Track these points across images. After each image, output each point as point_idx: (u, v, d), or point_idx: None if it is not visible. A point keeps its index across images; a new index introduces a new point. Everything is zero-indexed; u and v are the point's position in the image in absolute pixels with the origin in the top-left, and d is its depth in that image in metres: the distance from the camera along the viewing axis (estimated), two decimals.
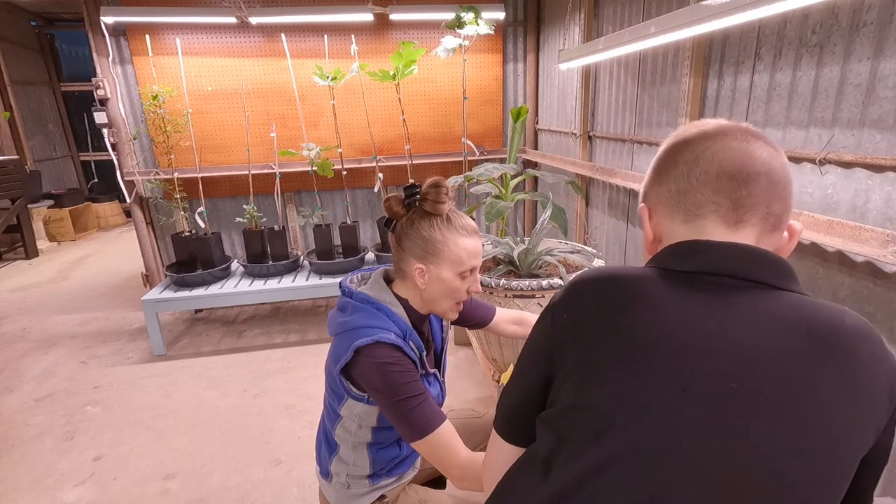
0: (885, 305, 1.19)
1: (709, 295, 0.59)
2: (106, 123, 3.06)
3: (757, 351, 0.54)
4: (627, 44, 1.78)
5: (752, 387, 0.53)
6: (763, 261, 0.61)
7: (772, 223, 0.63)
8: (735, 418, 0.52)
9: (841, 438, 0.53)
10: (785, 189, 0.63)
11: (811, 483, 0.52)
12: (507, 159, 2.80)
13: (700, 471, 0.52)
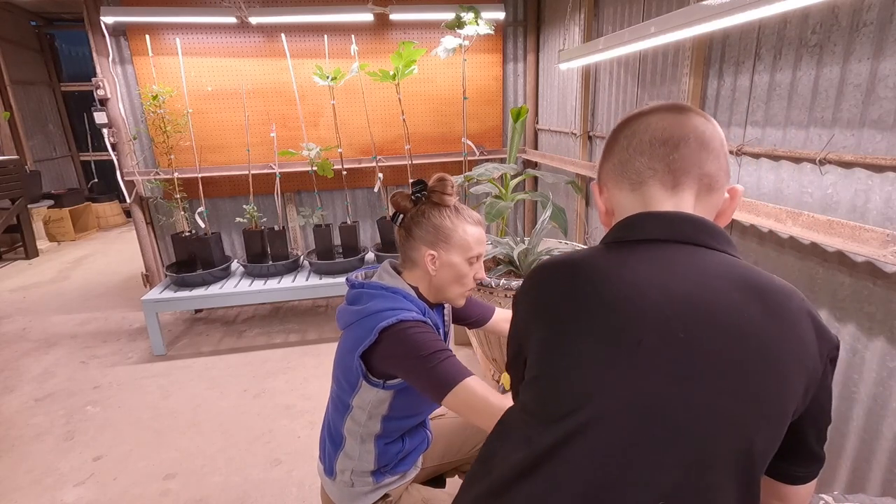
0: (885, 305, 1.19)
1: (654, 257, 0.64)
2: (106, 123, 3.05)
3: (701, 301, 0.58)
4: (627, 44, 1.78)
5: (699, 334, 0.57)
6: (701, 226, 0.66)
7: (707, 184, 0.68)
8: (688, 365, 0.56)
9: (781, 379, 0.56)
10: (716, 151, 0.68)
11: (759, 420, 0.56)
12: (507, 159, 2.80)
13: (664, 416, 0.55)
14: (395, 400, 1.09)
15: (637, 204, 0.69)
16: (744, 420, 0.55)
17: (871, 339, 1.24)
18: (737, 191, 0.70)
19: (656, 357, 0.57)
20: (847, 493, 0.92)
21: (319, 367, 2.80)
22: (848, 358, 1.31)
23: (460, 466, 1.42)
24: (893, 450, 1.22)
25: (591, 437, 0.56)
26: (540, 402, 0.63)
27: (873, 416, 1.26)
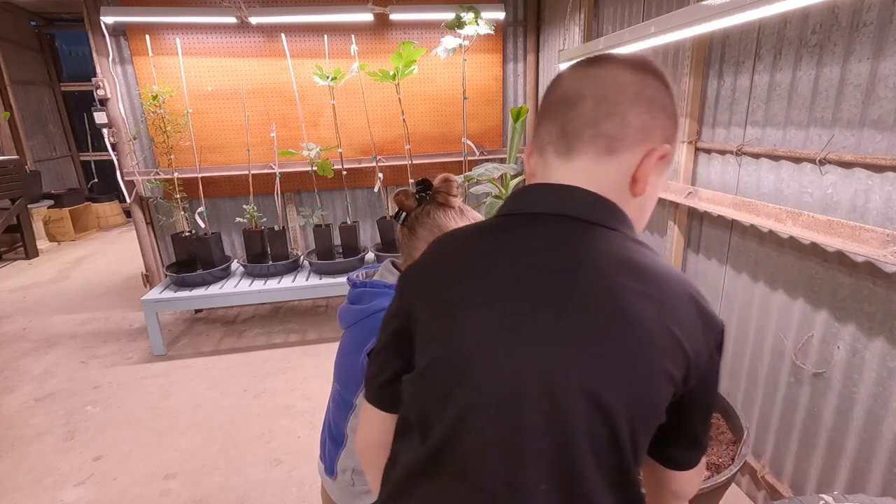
0: (885, 305, 1.19)
1: (534, 233, 0.60)
2: (106, 123, 3.05)
3: (573, 279, 0.56)
4: (627, 44, 1.78)
5: (571, 314, 0.55)
6: (585, 200, 0.61)
7: (604, 146, 0.60)
8: (555, 346, 0.55)
9: (653, 362, 0.54)
10: (622, 106, 0.59)
11: (625, 400, 0.54)
12: (507, 159, 2.80)
13: (529, 396, 0.54)
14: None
15: (542, 171, 0.65)
16: (609, 400, 0.53)
17: (871, 339, 1.24)
18: (654, 151, 0.60)
19: (522, 338, 0.56)
20: (847, 493, 0.92)
21: (319, 367, 2.80)
22: (848, 358, 1.31)
23: None
24: (893, 450, 1.22)
25: (475, 419, 0.56)
26: (427, 388, 0.61)
27: (873, 416, 1.26)
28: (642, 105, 0.59)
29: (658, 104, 0.60)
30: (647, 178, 0.61)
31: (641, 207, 0.65)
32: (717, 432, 1.21)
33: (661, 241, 2.14)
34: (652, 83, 0.60)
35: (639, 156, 0.60)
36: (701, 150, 1.82)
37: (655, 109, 0.60)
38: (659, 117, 0.60)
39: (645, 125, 0.59)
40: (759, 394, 1.64)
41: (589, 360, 0.53)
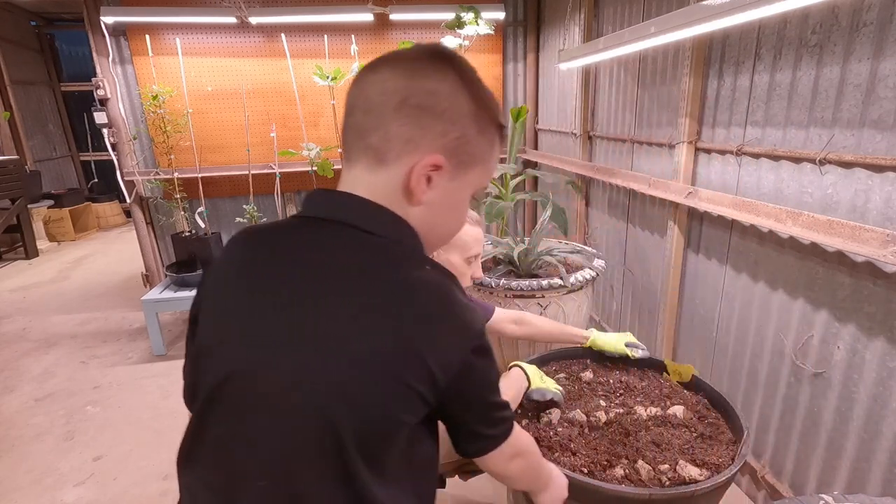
0: (885, 305, 1.19)
1: (298, 236, 0.63)
2: (106, 123, 3.05)
3: (314, 284, 0.58)
4: (627, 44, 1.78)
5: (306, 318, 0.56)
6: (348, 205, 0.61)
7: (373, 157, 0.60)
8: (287, 346, 0.56)
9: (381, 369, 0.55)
10: (383, 118, 0.58)
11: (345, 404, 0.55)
12: (507, 159, 2.80)
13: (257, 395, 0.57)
14: None
15: (342, 176, 0.66)
16: (333, 409, 0.54)
17: (871, 339, 1.24)
18: (413, 167, 0.58)
19: (259, 343, 0.58)
20: (847, 493, 0.92)
21: None
22: (848, 358, 1.31)
23: (460, 466, 1.42)
24: (893, 450, 1.22)
25: (209, 422, 0.60)
26: (195, 374, 0.64)
27: (873, 416, 1.26)
28: (407, 115, 0.57)
29: (431, 111, 0.57)
30: (421, 189, 0.60)
31: (428, 218, 0.63)
32: (717, 432, 1.21)
33: (661, 241, 2.14)
34: (427, 87, 0.57)
35: (407, 167, 0.59)
36: (701, 150, 1.82)
37: (425, 117, 0.57)
38: (430, 125, 0.58)
39: (411, 136, 0.58)
40: (759, 394, 1.64)
41: (316, 370, 0.55)
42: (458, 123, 0.59)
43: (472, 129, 0.60)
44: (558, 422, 1.26)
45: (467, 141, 0.60)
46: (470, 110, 0.59)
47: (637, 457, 1.11)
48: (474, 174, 0.64)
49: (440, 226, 0.66)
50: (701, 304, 1.91)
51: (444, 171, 0.60)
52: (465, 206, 0.67)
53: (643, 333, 2.38)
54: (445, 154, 0.59)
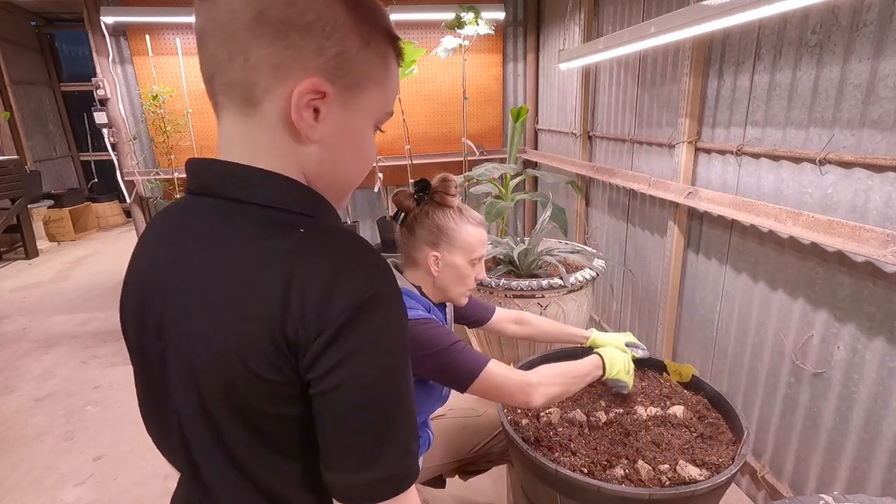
0: (885, 305, 1.19)
1: (173, 218, 0.56)
2: (106, 123, 3.05)
3: (178, 271, 0.51)
4: (627, 44, 1.78)
5: (168, 313, 0.52)
6: (220, 172, 0.51)
7: (239, 96, 0.49)
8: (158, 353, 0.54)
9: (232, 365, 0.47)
10: (238, 42, 0.46)
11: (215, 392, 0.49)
12: (507, 159, 2.80)
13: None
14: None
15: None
16: (206, 394, 0.50)
17: (871, 339, 1.24)
18: (289, 99, 0.47)
19: (138, 343, 0.56)
20: (847, 493, 0.92)
21: None
22: (848, 358, 1.31)
23: (460, 466, 1.42)
24: (893, 450, 1.22)
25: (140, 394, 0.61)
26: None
27: (873, 416, 1.26)
28: (267, 34, 0.46)
29: (296, 24, 0.46)
30: (307, 125, 0.49)
31: (326, 158, 0.53)
32: (717, 432, 1.21)
33: (661, 241, 2.14)
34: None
35: (282, 100, 0.48)
36: (701, 150, 1.82)
37: (291, 34, 0.46)
38: (299, 42, 0.46)
39: (278, 60, 0.46)
40: (759, 394, 1.64)
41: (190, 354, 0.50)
42: (335, 37, 0.48)
43: (355, 41, 0.49)
44: (558, 422, 1.26)
45: (350, 58, 0.49)
46: (347, 19, 0.48)
47: (637, 457, 1.11)
48: (370, 98, 0.53)
49: (343, 165, 0.55)
50: (701, 304, 1.91)
51: (331, 97, 0.49)
52: (369, 138, 0.56)
53: (643, 333, 2.38)
54: (326, 77, 0.48)
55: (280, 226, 0.49)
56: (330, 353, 0.45)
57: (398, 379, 0.48)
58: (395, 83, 0.57)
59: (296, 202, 0.51)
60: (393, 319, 0.48)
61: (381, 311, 0.47)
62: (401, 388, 0.49)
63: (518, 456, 1.16)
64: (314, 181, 0.54)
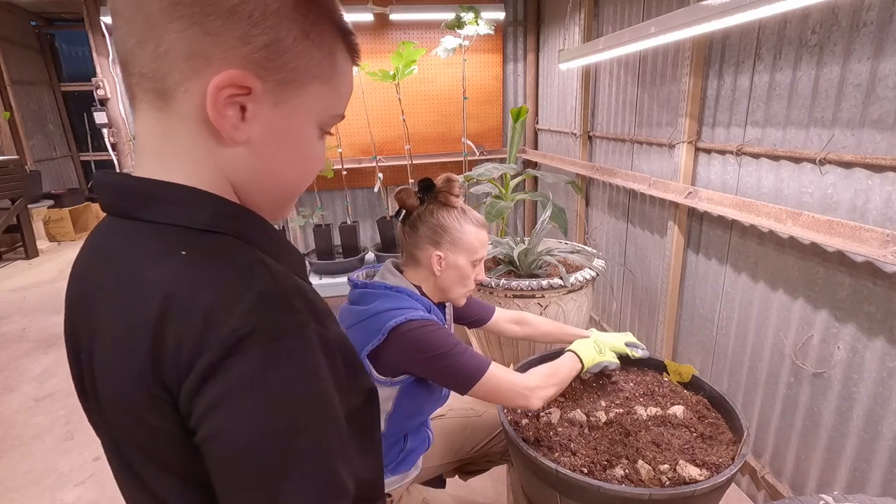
0: (885, 305, 1.19)
1: (103, 231, 0.49)
2: (106, 123, 3.06)
3: (84, 299, 0.48)
4: (627, 44, 1.78)
5: (79, 340, 0.50)
6: (117, 188, 0.45)
7: (151, 88, 0.42)
8: (80, 377, 0.51)
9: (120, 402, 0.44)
10: (153, 28, 0.40)
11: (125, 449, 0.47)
12: (507, 159, 2.80)
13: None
14: (400, 397, 1.09)
15: None
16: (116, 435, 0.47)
17: (871, 339, 1.24)
18: (211, 86, 0.41)
19: (71, 364, 0.53)
20: (847, 493, 0.92)
21: None
22: (848, 358, 1.31)
23: (460, 466, 1.42)
24: (893, 450, 1.22)
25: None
26: None
27: (873, 416, 1.26)
28: (184, 18, 0.40)
29: (218, 7, 0.40)
30: (229, 124, 0.43)
31: (256, 163, 0.47)
32: (717, 432, 1.21)
33: (661, 240, 2.14)
34: None
35: (199, 94, 0.42)
36: (701, 150, 1.82)
37: (212, 18, 0.40)
38: (221, 29, 0.40)
39: (195, 48, 0.40)
40: (759, 393, 1.64)
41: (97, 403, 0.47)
42: (264, 24, 0.41)
43: (291, 30, 0.43)
44: (558, 422, 1.26)
45: (284, 49, 0.43)
46: (282, 5, 0.42)
47: (637, 457, 1.11)
48: (310, 97, 0.46)
49: (277, 172, 0.49)
50: (701, 304, 1.91)
51: (259, 93, 0.43)
52: (312, 143, 0.50)
53: (643, 333, 2.38)
54: (254, 70, 0.42)
55: (168, 251, 0.42)
56: (199, 401, 0.39)
57: (288, 430, 0.40)
58: (345, 82, 0.50)
59: (198, 218, 0.44)
60: (279, 359, 0.40)
61: (258, 352, 0.39)
62: (296, 443, 0.40)
63: (518, 456, 1.16)
64: (243, 189, 0.48)
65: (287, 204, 0.54)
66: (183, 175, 0.45)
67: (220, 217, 0.45)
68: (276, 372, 0.39)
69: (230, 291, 0.40)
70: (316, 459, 0.41)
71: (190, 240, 0.43)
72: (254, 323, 0.39)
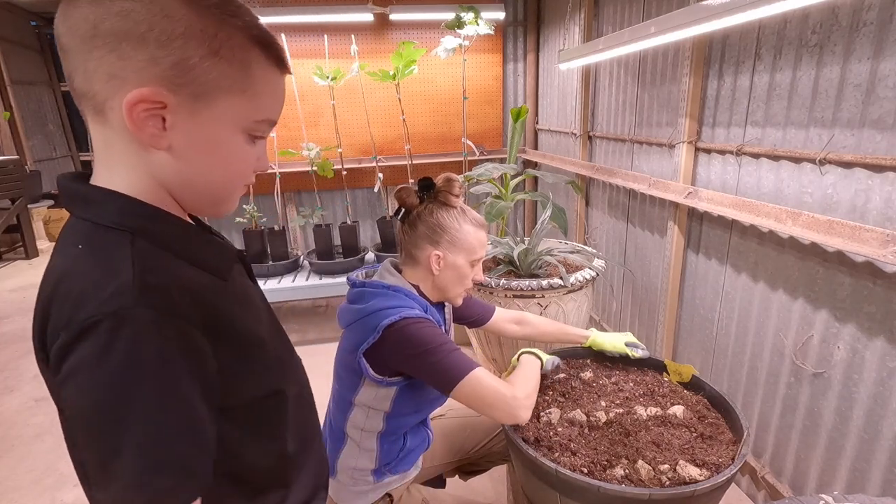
0: (885, 305, 1.19)
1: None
2: None
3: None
4: (627, 44, 1.78)
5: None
6: (62, 190, 0.54)
7: (89, 106, 0.50)
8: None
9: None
10: (79, 54, 0.48)
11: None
12: (507, 159, 2.80)
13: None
14: (398, 397, 1.09)
15: None
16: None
17: (871, 339, 1.24)
18: (126, 102, 0.48)
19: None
20: (847, 493, 0.92)
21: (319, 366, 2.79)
22: (848, 358, 1.31)
23: (460, 466, 1.42)
24: (893, 450, 1.22)
25: None
26: None
27: (873, 416, 1.26)
28: (101, 47, 0.47)
29: (129, 36, 0.47)
30: (148, 133, 0.50)
31: (182, 168, 0.53)
32: (717, 432, 1.21)
33: (661, 241, 2.14)
34: (118, 7, 0.46)
35: (122, 109, 0.49)
36: (701, 150, 1.82)
37: (124, 45, 0.47)
38: (132, 53, 0.47)
39: (113, 71, 0.48)
40: (759, 394, 1.64)
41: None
42: (171, 46, 0.48)
43: (198, 49, 0.49)
44: (558, 422, 1.26)
45: (192, 67, 0.49)
46: (189, 28, 0.48)
47: (637, 457, 1.11)
48: (226, 108, 0.52)
49: (203, 175, 0.55)
50: (701, 304, 1.91)
51: (174, 106, 0.50)
52: (236, 147, 0.56)
53: (643, 333, 2.38)
54: (166, 85, 0.49)
55: (72, 242, 0.51)
56: (58, 374, 0.47)
57: (115, 408, 0.46)
58: (266, 90, 0.55)
59: (105, 216, 0.51)
60: (116, 347, 0.45)
61: (100, 338, 0.45)
62: (125, 420, 0.46)
63: (518, 456, 1.16)
64: (174, 190, 0.55)
65: (222, 202, 0.60)
66: (120, 177, 0.53)
67: (123, 215, 0.52)
68: (110, 356, 0.45)
69: (96, 282, 0.47)
70: (145, 437, 0.47)
71: (91, 234, 0.51)
72: (105, 312, 0.46)
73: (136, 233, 0.51)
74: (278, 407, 0.65)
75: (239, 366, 0.56)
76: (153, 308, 0.47)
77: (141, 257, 0.50)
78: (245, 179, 0.60)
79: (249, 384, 0.59)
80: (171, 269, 0.52)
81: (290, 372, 0.70)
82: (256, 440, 0.61)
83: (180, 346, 0.49)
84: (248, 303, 0.63)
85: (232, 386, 0.55)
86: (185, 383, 0.49)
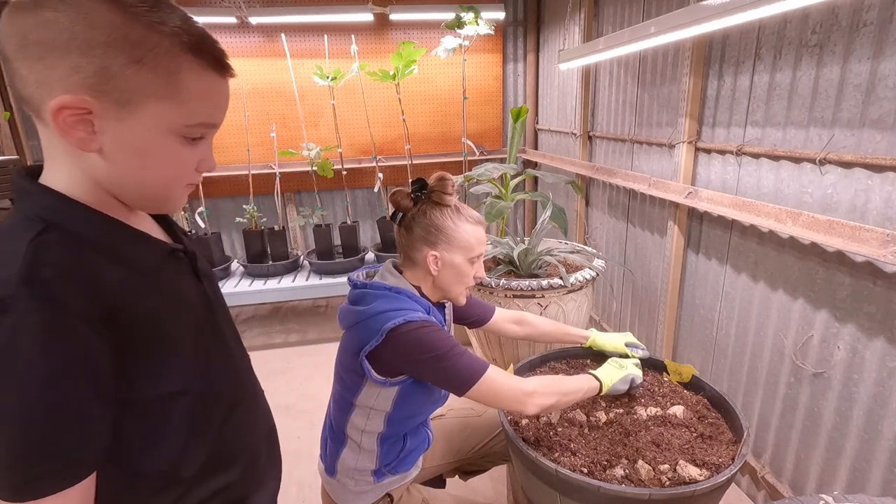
0: (885, 305, 1.19)
1: None
2: None
3: None
4: (627, 44, 1.78)
5: None
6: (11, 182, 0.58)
7: (30, 109, 0.54)
8: None
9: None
10: (13, 62, 0.51)
11: None
12: (507, 159, 2.80)
13: None
14: (399, 398, 1.09)
15: None
16: None
17: (871, 339, 1.24)
18: (50, 109, 0.50)
19: None
20: (847, 493, 0.92)
21: (319, 366, 2.80)
22: (848, 358, 1.31)
23: (460, 466, 1.42)
24: (893, 450, 1.22)
25: None
26: None
27: (873, 416, 1.26)
28: (29, 56, 0.50)
29: (53, 45, 0.49)
30: (75, 136, 0.52)
31: (116, 168, 0.56)
32: (717, 432, 1.21)
33: (661, 241, 2.14)
34: (43, 18, 0.48)
35: (50, 113, 0.51)
36: (701, 150, 1.82)
37: (49, 54, 0.49)
38: (56, 62, 0.49)
39: (41, 78, 0.50)
40: (759, 394, 1.64)
41: None
42: (93, 54, 0.49)
43: (118, 59, 0.50)
44: (558, 422, 1.26)
45: (113, 74, 0.51)
46: (112, 35, 0.50)
47: (637, 457, 1.11)
48: (153, 113, 0.54)
49: (135, 176, 0.57)
50: (701, 304, 1.91)
51: (100, 112, 0.52)
52: (167, 149, 0.57)
53: (643, 333, 2.38)
54: (89, 93, 0.50)
55: (1, 231, 0.55)
56: None
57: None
58: (198, 95, 0.57)
59: (30, 209, 0.55)
60: (1, 331, 0.47)
61: None
62: (1, 406, 0.48)
63: (518, 456, 1.16)
64: (111, 188, 0.58)
65: (164, 200, 0.62)
66: (61, 176, 0.56)
67: (44, 209, 0.55)
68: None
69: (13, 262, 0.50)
70: (21, 423, 0.49)
71: (15, 224, 0.54)
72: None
73: (51, 226, 0.53)
74: (190, 408, 0.63)
75: (143, 361, 0.57)
76: (36, 298, 0.48)
77: (40, 249, 0.51)
78: (185, 180, 0.61)
79: (156, 381, 0.59)
80: (75, 262, 0.53)
81: (214, 375, 0.68)
82: (161, 438, 0.61)
83: (62, 337, 0.49)
84: (173, 300, 0.63)
85: (134, 380, 0.56)
86: (66, 373, 0.50)
